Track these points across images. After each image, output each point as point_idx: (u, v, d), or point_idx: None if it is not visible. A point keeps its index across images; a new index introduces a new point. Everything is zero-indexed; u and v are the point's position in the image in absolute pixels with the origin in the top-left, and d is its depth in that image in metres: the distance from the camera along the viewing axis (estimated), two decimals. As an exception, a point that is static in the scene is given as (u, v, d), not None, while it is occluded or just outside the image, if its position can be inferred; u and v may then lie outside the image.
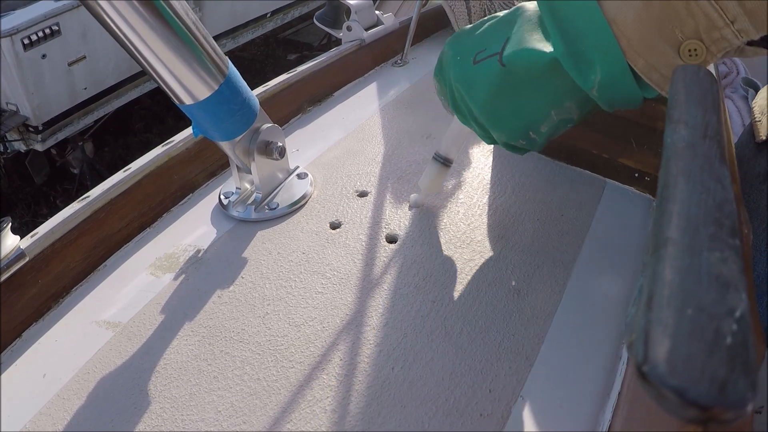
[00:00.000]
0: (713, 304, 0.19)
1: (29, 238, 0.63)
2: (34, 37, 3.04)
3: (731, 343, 0.18)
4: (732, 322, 0.18)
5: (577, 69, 0.49)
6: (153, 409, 0.51)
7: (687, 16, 0.43)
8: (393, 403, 0.50)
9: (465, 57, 0.56)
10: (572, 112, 0.55)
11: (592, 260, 0.65)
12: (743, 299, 0.19)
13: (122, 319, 0.61)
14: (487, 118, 0.57)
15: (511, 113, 0.56)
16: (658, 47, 0.46)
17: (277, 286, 0.63)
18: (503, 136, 0.58)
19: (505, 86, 0.54)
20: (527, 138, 0.57)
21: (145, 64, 0.58)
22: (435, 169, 0.71)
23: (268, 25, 4.73)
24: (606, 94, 0.50)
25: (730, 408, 0.17)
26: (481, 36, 0.56)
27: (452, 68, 0.58)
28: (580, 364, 0.54)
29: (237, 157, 0.70)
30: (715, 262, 0.20)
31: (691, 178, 0.25)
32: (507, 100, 0.55)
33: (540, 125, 0.56)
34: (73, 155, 3.85)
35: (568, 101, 0.53)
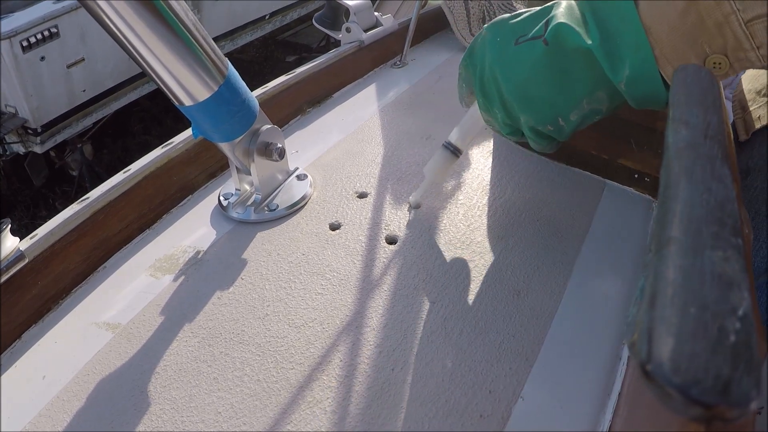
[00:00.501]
0: (716, 303, 0.19)
1: (29, 240, 0.63)
2: (32, 39, 3.04)
3: (735, 342, 0.18)
4: (735, 321, 0.18)
5: (609, 61, 0.51)
6: (153, 411, 0.51)
7: (717, 34, 0.46)
8: (393, 404, 0.50)
9: (505, 39, 0.58)
10: (602, 103, 0.56)
11: (592, 261, 0.65)
12: (746, 297, 0.19)
13: (122, 321, 0.61)
14: (521, 99, 0.58)
15: (546, 96, 0.57)
16: (686, 57, 0.48)
17: (276, 287, 0.63)
18: (532, 119, 0.59)
19: (546, 65, 0.55)
20: (556, 124, 0.58)
21: (144, 65, 0.58)
22: (443, 158, 0.71)
23: (266, 26, 4.74)
24: (633, 90, 0.52)
25: (734, 406, 0.17)
26: (523, 22, 0.58)
27: (490, 50, 0.59)
28: (580, 365, 0.54)
29: (236, 158, 0.70)
30: (718, 261, 0.20)
31: (693, 178, 0.25)
32: (544, 81, 0.56)
33: (570, 112, 0.57)
34: (72, 157, 3.85)
35: (600, 91, 0.55)
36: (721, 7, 0.44)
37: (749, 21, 0.44)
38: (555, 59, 0.55)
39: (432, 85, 1.07)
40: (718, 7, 0.44)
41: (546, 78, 0.56)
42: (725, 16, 0.44)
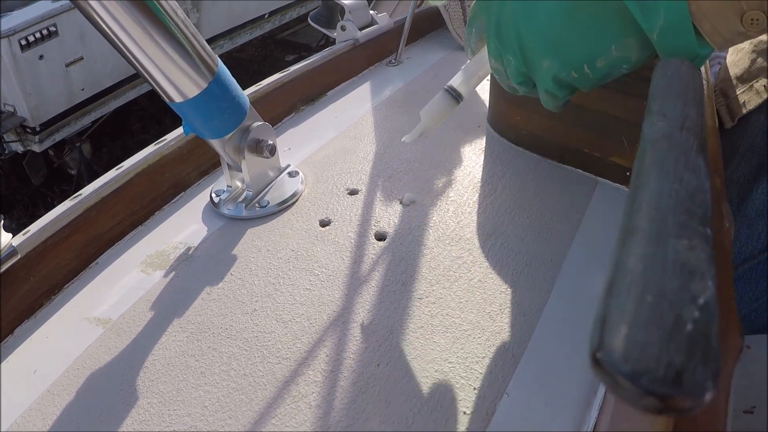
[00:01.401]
0: (675, 292, 0.18)
1: (21, 236, 0.63)
2: (31, 38, 3.04)
3: (692, 331, 0.17)
4: (694, 309, 0.18)
5: (642, 11, 0.49)
6: (141, 405, 0.51)
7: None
8: (377, 400, 0.51)
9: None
10: (631, 52, 0.54)
11: (582, 259, 0.65)
12: (708, 287, 0.18)
13: (112, 316, 0.61)
14: (547, 42, 0.56)
15: (574, 38, 0.54)
16: (723, 13, 0.46)
17: (265, 283, 0.63)
18: (556, 64, 0.57)
19: (576, 6, 0.53)
20: (581, 71, 0.56)
21: (134, 62, 0.58)
22: (443, 102, 0.68)
23: (265, 26, 4.74)
24: (665, 41, 0.50)
25: (688, 396, 0.17)
26: None
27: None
28: (566, 362, 0.54)
29: (227, 155, 0.70)
30: (682, 250, 0.20)
31: (664, 168, 0.25)
32: (574, 22, 0.54)
33: (598, 58, 0.55)
34: (71, 156, 3.85)
35: (630, 37, 0.53)
36: None
37: None
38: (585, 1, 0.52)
39: (427, 84, 1.07)
40: None
41: (575, 19, 0.53)
42: None
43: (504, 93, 0.84)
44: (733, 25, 0.47)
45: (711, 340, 0.17)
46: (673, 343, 0.17)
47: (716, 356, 0.17)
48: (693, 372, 0.17)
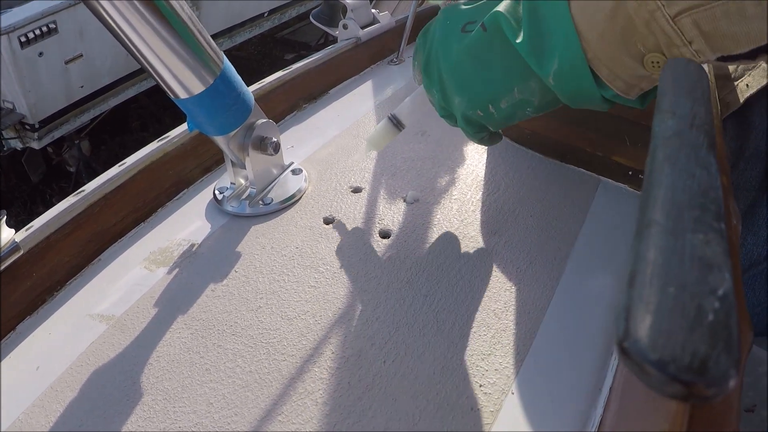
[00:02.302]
0: (695, 283, 0.19)
1: (24, 232, 0.63)
2: (31, 35, 3.03)
3: (713, 321, 0.18)
4: (714, 300, 0.18)
5: (535, 57, 0.51)
6: (145, 401, 0.51)
7: (648, 33, 0.44)
8: (384, 397, 0.51)
9: (454, 23, 0.59)
10: (534, 95, 0.56)
11: (585, 257, 0.65)
12: (726, 279, 0.19)
13: (116, 313, 0.61)
14: (455, 80, 0.59)
15: (477, 79, 0.57)
16: (621, 59, 0.47)
17: (270, 280, 0.63)
18: (464, 102, 0.60)
19: (480, 49, 0.56)
20: (486, 111, 0.59)
21: (140, 57, 0.58)
22: (386, 128, 0.73)
23: (265, 24, 4.73)
24: (562, 84, 0.51)
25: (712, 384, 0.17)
26: (474, 10, 0.58)
27: (439, 29, 0.60)
28: (571, 360, 0.54)
29: (231, 152, 0.70)
30: (699, 244, 0.20)
31: (676, 165, 0.26)
32: (477, 64, 0.57)
33: (501, 99, 0.57)
34: (70, 153, 3.84)
35: (532, 81, 0.55)
36: (647, 5, 0.42)
37: (675, 16, 0.42)
38: (490, 45, 0.55)
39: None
40: (644, 5, 0.43)
41: (479, 61, 0.56)
42: (651, 13, 0.43)
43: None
44: (633, 69, 0.48)
45: (731, 330, 0.18)
46: (697, 332, 0.18)
47: (737, 346, 0.17)
48: (717, 360, 0.17)
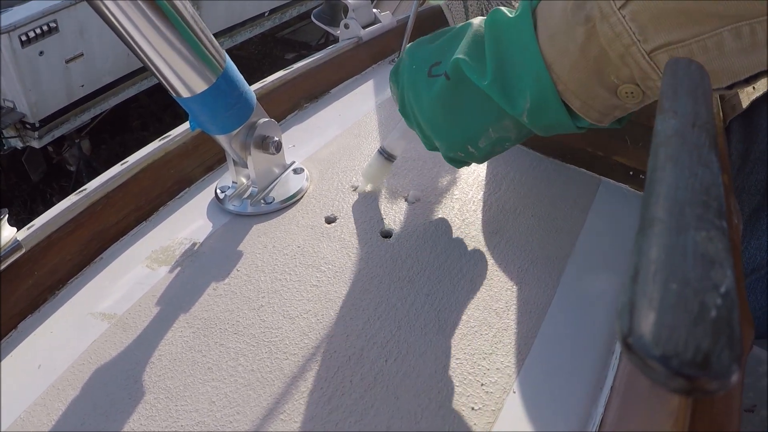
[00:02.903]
0: (698, 280, 0.19)
1: (26, 230, 0.63)
2: (31, 34, 3.03)
3: (716, 317, 0.18)
4: (716, 297, 0.18)
5: (505, 97, 0.51)
6: (147, 400, 0.51)
7: (622, 65, 0.44)
8: (386, 395, 0.51)
9: (420, 67, 0.59)
10: (510, 131, 0.56)
11: (586, 257, 0.66)
12: (728, 276, 0.19)
13: (117, 311, 0.61)
14: (432, 128, 0.59)
15: (451, 126, 0.58)
16: (594, 90, 0.47)
17: (272, 279, 0.63)
18: (443, 146, 0.61)
19: (449, 98, 0.56)
20: (465, 151, 0.60)
21: (143, 56, 0.58)
22: (379, 163, 0.74)
23: (265, 24, 4.73)
24: (535, 121, 0.52)
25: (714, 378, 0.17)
26: (438, 48, 0.58)
27: (406, 75, 0.60)
28: (572, 359, 0.54)
29: (233, 151, 0.70)
30: (701, 241, 0.20)
31: (678, 163, 0.26)
32: (448, 112, 0.57)
33: (478, 140, 0.58)
34: (70, 153, 3.84)
35: (505, 120, 0.55)
36: (621, 39, 0.42)
37: (651, 52, 0.42)
38: (456, 92, 0.55)
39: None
40: (618, 39, 0.42)
41: (450, 109, 0.57)
42: (626, 47, 0.43)
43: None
44: (606, 100, 0.48)
45: (734, 326, 0.18)
46: (699, 327, 0.18)
47: (739, 341, 0.18)
48: (719, 355, 0.17)
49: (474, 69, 0.52)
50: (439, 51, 0.58)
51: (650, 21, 0.41)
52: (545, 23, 0.48)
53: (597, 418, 0.49)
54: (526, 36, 0.48)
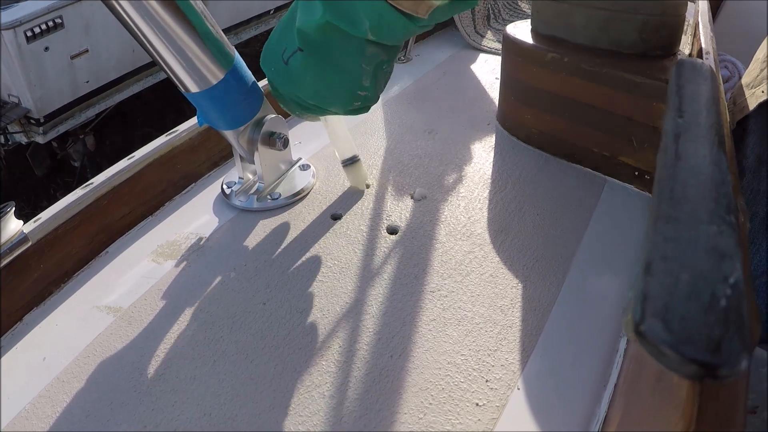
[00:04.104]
0: (708, 271, 0.19)
1: (32, 223, 0.63)
2: (37, 29, 3.04)
3: (726, 306, 0.18)
4: (726, 287, 0.19)
5: (343, 20, 0.53)
6: (152, 392, 0.52)
7: None
8: (391, 390, 0.51)
9: (276, 64, 0.60)
10: (379, 55, 0.58)
11: (591, 256, 0.66)
12: (737, 268, 0.19)
13: (123, 305, 0.61)
14: (321, 99, 0.61)
15: (332, 86, 0.59)
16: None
17: (278, 273, 0.63)
18: (339, 107, 0.62)
19: (312, 65, 0.58)
20: (359, 98, 0.60)
21: (152, 51, 0.58)
22: (349, 171, 0.76)
23: (271, 21, 4.73)
24: (381, 34, 0.53)
25: (725, 364, 0.17)
26: (277, 40, 0.60)
27: (274, 80, 0.62)
28: (577, 357, 0.54)
29: (241, 146, 0.70)
30: (712, 235, 0.21)
31: (688, 161, 0.26)
32: (321, 77, 0.58)
33: (361, 81, 0.59)
34: (74, 148, 3.85)
35: (367, 48, 0.56)
36: None
37: None
38: (315, 54, 0.57)
39: (435, 81, 1.08)
40: None
41: (321, 73, 0.58)
42: None
43: (514, 92, 0.85)
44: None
45: (743, 315, 0.18)
46: (710, 316, 0.18)
47: (749, 330, 0.18)
48: (729, 343, 0.18)
49: (308, 14, 0.54)
50: (280, 41, 0.60)
51: None
52: None
53: (600, 416, 0.49)
54: None
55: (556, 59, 0.76)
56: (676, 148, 0.28)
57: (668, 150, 0.28)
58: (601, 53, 0.75)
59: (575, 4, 0.76)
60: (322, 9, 0.52)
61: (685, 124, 0.30)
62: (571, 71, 0.75)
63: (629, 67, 0.71)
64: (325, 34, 0.55)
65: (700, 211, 0.22)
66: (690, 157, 0.27)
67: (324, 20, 0.53)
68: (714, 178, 0.25)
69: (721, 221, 0.21)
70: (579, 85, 0.75)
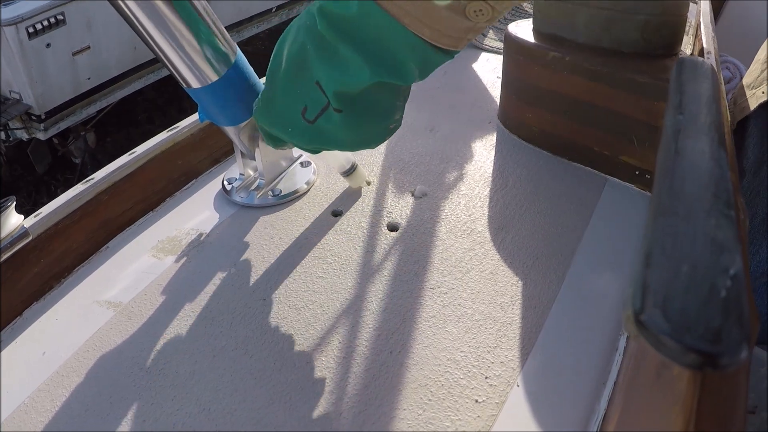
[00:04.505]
0: (708, 263, 0.19)
1: (33, 218, 0.63)
2: (38, 26, 3.04)
3: (725, 297, 0.18)
4: (726, 279, 0.19)
5: (394, 76, 0.51)
6: (151, 387, 0.52)
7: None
8: (390, 387, 0.51)
9: (293, 125, 0.56)
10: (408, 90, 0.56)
11: (591, 254, 0.66)
12: (737, 261, 0.19)
13: (123, 300, 0.61)
14: (355, 147, 0.59)
15: (371, 131, 0.57)
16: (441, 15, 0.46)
17: (278, 270, 0.63)
18: (374, 146, 0.60)
19: (354, 121, 0.54)
20: (391, 131, 0.59)
21: (154, 46, 0.58)
22: (352, 176, 0.76)
23: (273, 19, 4.73)
24: (426, 74, 0.53)
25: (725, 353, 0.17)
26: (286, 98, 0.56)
27: (293, 138, 0.58)
28: (576, 355, 0.54)
29: (242, 143, 0.70)
30: (711, 228, 0.21)
31: (687, 157, 0.26)
32: (363, 127, 0.55)
33: (395, 117, 0.57)
34: (75, 145, 3.85)
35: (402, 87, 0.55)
36: None
37: None
38: (356, 110, 0.53)
39: (437, 79, 1.07)
40: None
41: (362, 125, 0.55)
42: None
43: (515, 91, 0.85)
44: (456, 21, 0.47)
45: (743, 306, 0.18)
46: (710, 306, 0.18)
47: (748, 321, 0.18)
48: (729, 332, 0.18)
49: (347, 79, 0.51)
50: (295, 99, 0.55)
51: None
52: None
53: (600, 413, 0.49)
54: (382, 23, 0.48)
55: (557, 58, 0.76)
56: (675, 144, 0.28)
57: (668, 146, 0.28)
58: (602, 53, 0.75)
59: (577, 4, 0.76)
60: (369, 71, 0.50)
61: (686, 121, 0.30)
62: (572, 70, 0.75)
63: (631, 66, 0.71)
64: (372, 91, 0.52)
65: (699, 205, 0.22)
66: (690, 153, 0.27)
67: (374, 81, 0.50)
68: (714, 174, 0.25)
69: (721, 215, 0.21)
70: (580, 84, 0.75)
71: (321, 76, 0.52)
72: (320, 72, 0.51)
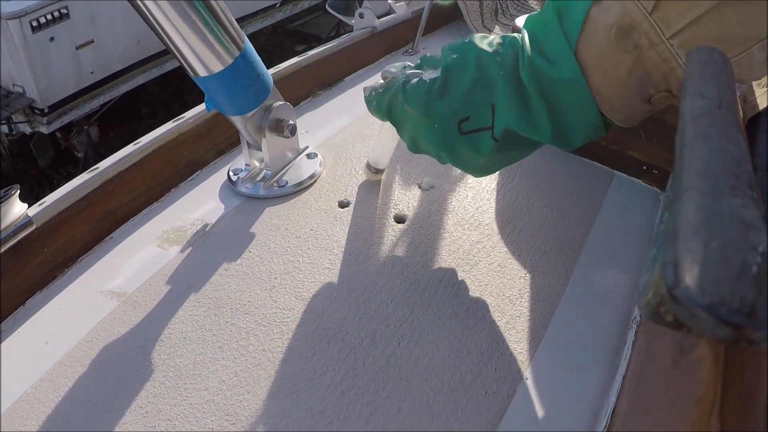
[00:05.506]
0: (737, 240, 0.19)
1: (37, 207, 0.63)
2: (42, 19, 3.05)
3: (757, 272, 0.18)
4: (756, 255, 0.19)
5: (566, 144, 0.53)
6: (156, 377, 0.51)
7: (663, 81, 0.47)
8: (398, 378, 0.51)
9: (447, 125, 0.55)
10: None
11: (599, 248, 0.65)
12: (765, 239, 0.19)
13: (127, 290, 0.61)
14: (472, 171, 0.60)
15: (498, 164, 0.59)
16: (632, 102, 0.50)
17: (284, 260, 0.63)
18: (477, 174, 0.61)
19: (498, 155, 0.56)
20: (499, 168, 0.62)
21: (162, 34, 0.58)
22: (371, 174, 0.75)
23: (277, 15, 4.74)
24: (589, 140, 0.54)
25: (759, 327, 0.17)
26: (461, 103, 0.54)
27: (431, 134, 0.57)
28: (585, 348, 0.54)
29: (248, 133, 0.70)
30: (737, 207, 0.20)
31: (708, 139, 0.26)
32: (497, 161, 0.58)
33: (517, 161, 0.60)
34: (78, 139, 3.86)
35: None
36: (668, 63, 0.46)
37: None
38: (506, 150, 0.55)
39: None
40: (665, 63, 0.46)
41: (498, 160, 0.57)
42: (671, 69, 0.46)
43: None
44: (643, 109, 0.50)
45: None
46: (743, 281, 0.18)
47: None
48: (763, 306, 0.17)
49: (528, 129, 0.53)
50: (464, 106, 0.54)
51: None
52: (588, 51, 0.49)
53: (609, 407, 0.48)
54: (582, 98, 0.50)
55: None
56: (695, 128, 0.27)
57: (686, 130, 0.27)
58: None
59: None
60: (550, 135, 0.52)
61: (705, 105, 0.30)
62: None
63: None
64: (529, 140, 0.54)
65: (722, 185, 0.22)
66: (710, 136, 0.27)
67: (546, 141, 0.53)
68: (734, 156, 0.24)
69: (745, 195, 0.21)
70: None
71: (501, 108, 0.53)
72: (503, 106, 0.53)
